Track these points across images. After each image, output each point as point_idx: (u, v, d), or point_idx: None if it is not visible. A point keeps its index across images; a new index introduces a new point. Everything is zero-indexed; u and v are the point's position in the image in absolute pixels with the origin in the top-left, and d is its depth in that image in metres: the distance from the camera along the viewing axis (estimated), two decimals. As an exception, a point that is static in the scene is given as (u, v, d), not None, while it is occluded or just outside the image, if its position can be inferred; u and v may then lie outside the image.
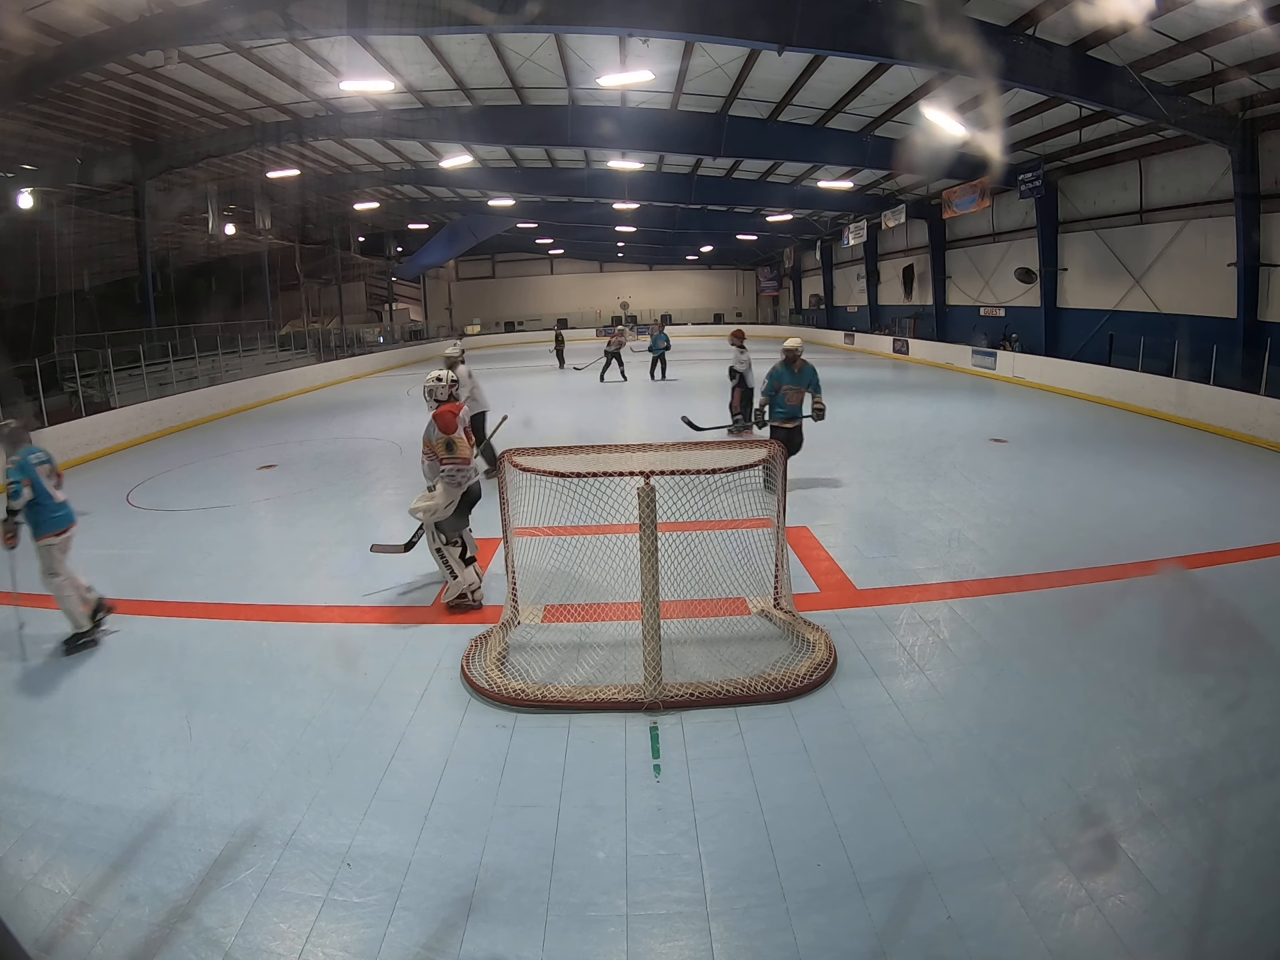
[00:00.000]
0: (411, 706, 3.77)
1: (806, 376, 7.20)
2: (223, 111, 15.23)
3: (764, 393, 7.27)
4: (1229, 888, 2.54)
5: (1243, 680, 3.88)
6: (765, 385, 7.27)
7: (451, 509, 4.84)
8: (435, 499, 4.84)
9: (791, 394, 7.19)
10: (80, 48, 10.48)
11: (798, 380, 7.18)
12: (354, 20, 9.39)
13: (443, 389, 5.07)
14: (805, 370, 7.19)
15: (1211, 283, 12.91)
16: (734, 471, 3.90)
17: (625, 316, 41.10)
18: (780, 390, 7.17)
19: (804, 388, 7.22)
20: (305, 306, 28.55)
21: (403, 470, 9.44)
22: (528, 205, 27.08)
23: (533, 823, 2.91)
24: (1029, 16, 9.79)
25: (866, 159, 16.81)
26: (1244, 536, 5.89)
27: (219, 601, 5.27)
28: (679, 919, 2.46)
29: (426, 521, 4.88)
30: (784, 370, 7.17)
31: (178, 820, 2.97)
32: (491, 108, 15.52)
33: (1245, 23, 8.78)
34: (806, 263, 35.65)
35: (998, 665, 4.07)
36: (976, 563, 5.56)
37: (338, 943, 2.40)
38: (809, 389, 7.24)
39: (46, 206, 15.15)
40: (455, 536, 4.96)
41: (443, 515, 4.84)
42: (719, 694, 3.70)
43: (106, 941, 2.40)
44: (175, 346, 16.10)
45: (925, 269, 23.69)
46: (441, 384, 5.07)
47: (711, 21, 9.45)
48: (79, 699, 3.97)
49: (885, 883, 2.56)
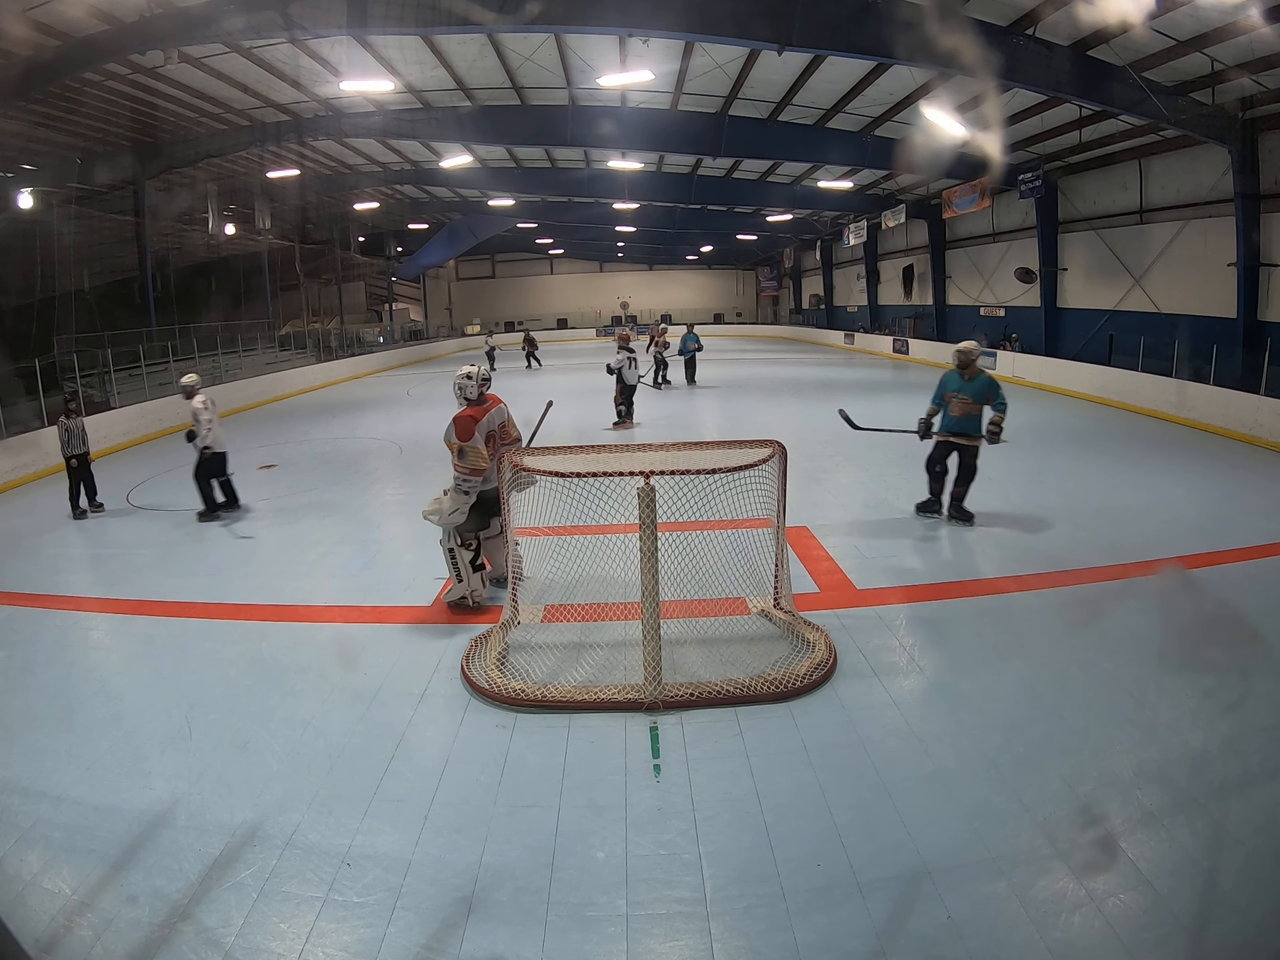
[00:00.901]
0: (411, 706, 3.77)
1: (980, 387, 6.10)
2: (223, 111, 15.24)
3: (932, 401, 6.32)
4: (1229, 888, 2.53)
5: (1243, 680, 3.88)
6: (935, 392, 6.33)
7: (460, 516, 4.71)
8: (443, 504, 4.72)
9: (957, 404, 6.15)
10: (80, 48, 10.49)
11: (967, 390, 6.13)
12: (354, 20, 9.39)
13: (472, 387, 4.87)
14: (979, 380, 6.12)
15: (1211, 283, 12.91)
16: (734, 471, 3.90)
17: (625, 316, 41.10)
18: (947, 400, 6.20)
19: (974, 400, 6.09)
20: (305, 306, 28.55)
21: (403, 470, 9.45)
22: (528, 205, 27.09)
23: (533, 823, 2.91)
24: (1029, 16, 9.79)
25: (866, 159, 16.82)
26: (1244, 536, 5.89)
27: (219, 601, 5.27)
28: (679, 919, 2.46)
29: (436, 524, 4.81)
30: (952, 376, 6.22)
31: (178, 820, 2.97)
32: (491, 108, 15.53)
33: (1245, 23, 8.78)
34: (806, 263, 35.65)
35: (998, 665, 4.06)
36: (977, 563, 5.56)
37: (338, 943, 2.40)
38: (986, 404, 6.10)
39: (46, 206, 15.15)
40: (470, 538, 4.83)
41: (451, 522, 4.73)
42: (719, 694, 3.70)
43: (106, 941, 2.40)
44: (175, 346, 16.11)
45: (925, 269, 23.69)
46: (471, 382, 4.87)
47: (711, 21, 9.46)
48: (79, 699, 3.96)
49: (885, 883, 2.56)
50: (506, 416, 5.06)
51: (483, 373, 4.94)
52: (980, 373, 6.17)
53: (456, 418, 4.77)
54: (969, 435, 6.11)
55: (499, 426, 4.94)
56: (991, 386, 6.10)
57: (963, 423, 6.14)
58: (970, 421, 6.14)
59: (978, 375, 6.16)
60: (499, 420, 4.95)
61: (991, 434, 6.05)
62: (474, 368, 4.96)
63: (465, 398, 4.90)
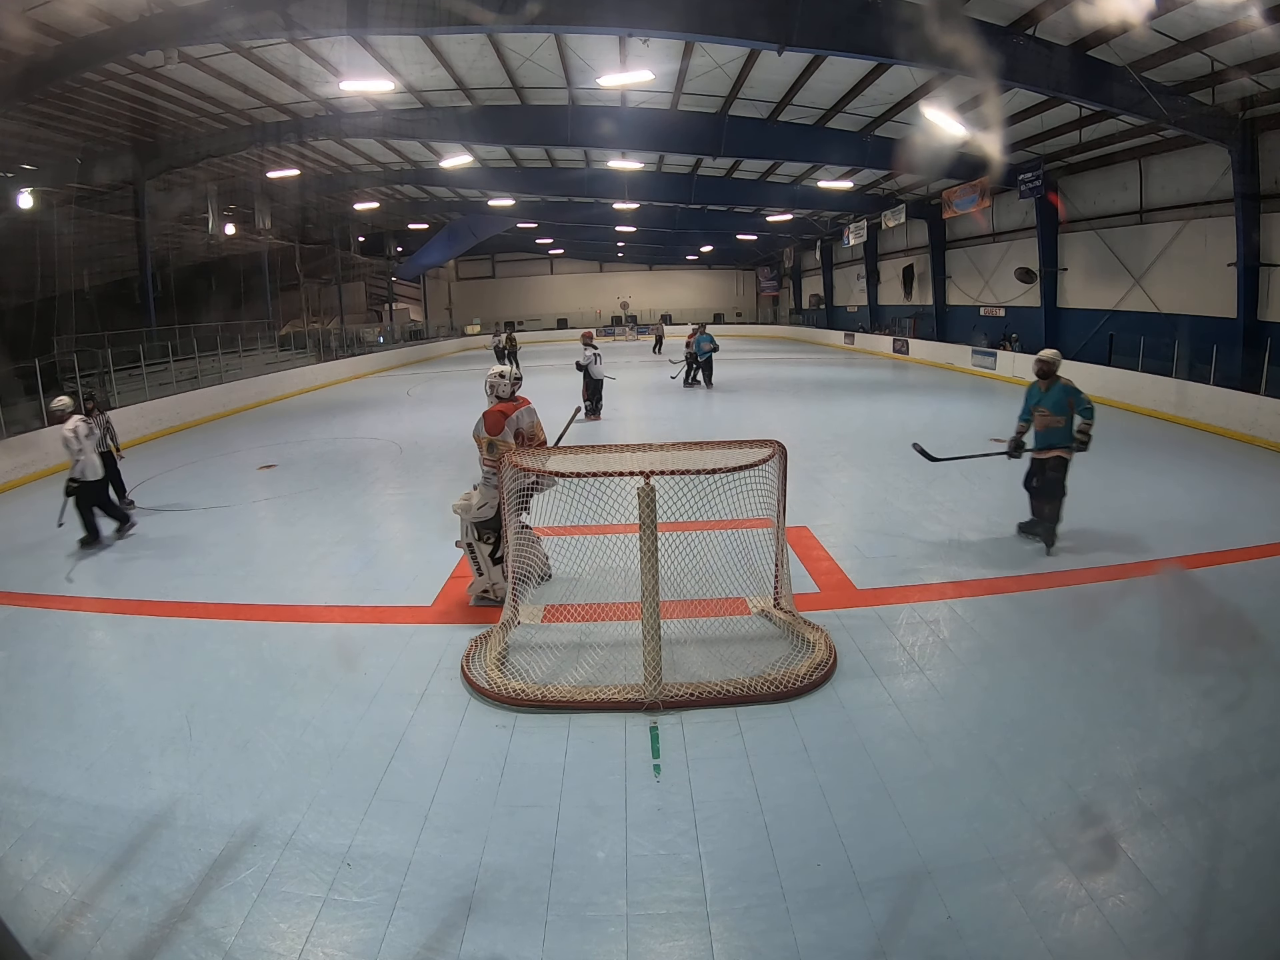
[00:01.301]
0: (411, 706, 3.77)
1: (1057, 397, 5.72)
2: (223, 111, 15.24)
3: (1020, 417, 5.99)
4: (1229, 888, 2.53)
5: (1243, 680, 3.88)
6: (1022, 407, 5.99)
7: (489, 510, 4.73)
8: (472, 499, 4.76)
9: (1038, 417, 5.80)
10: (80, 48, 10.49)
11: (1046, 401, 5.77)
12: (354, 20, 9.39)
13: (505, 385, 4.97)
14: (1056, 389, 5.74)
15: (1211, 283, 12.92)
16: (734, 471, 3.90)
17: (625, 316, 41.12)
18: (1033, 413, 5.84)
19: (1052, 411, 5.71)
20: (305, 306, 28.56)
21: (403, 470, 9.44)
22: (528, 205, 27.09)
23: (533, 823, 2.91)
24: (1029, 16, 9.79)
25: (866, 159, 16.82)
26: (1244, 536, 5.89)
27: (219, 601, 5.27)
28: (679, 919, 2.46)
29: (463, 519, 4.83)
30: (1034, 387, 5.90)
31: (178, 820, 2.97)
32: (491, 108, 15.53)
33: (1245, 23, 8.79)
34: (806, 263, 35.66)
35: (998, 665, 4.06)
36: (976, 563, 5.56)
37: (338, 943, 2.40)
38: (1069, 413, 5.67)
39: (46, 206, 15.15)
40: (489, 533, 4.82)
41: (480, 516, 4.76)
42: (719, 694, 3.70)
43: (106, 941, 2.40)
44: (175, 346, 16.10)
45: (925, 269, 23.70)
46: (504, 380, 4.97)
47: (711, 21, 9.46)
48: (79, 699, 3.96)
49: (885, 883, 2.56)
50: (536, 419, 5.10)
51: (515, 372, 5.04)
52: (1057, 380, 5.78)
53: (486, 413, 4.84)
54: (1051, 448, 5.73)
55: (528, 426, 4.99)
56: (1070, 393, 5.69)
57: (1043, 436, 5.80)
58: (1052, 434, 5.74)
59: (1055, 384, 5.78)
60: (528, 420, 5.01)
61: (1079, 443, 5.61)
62: (507, 366, 5.07)
63: (497, 395, 4.98)
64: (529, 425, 5.01)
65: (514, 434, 4.88)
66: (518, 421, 4.91)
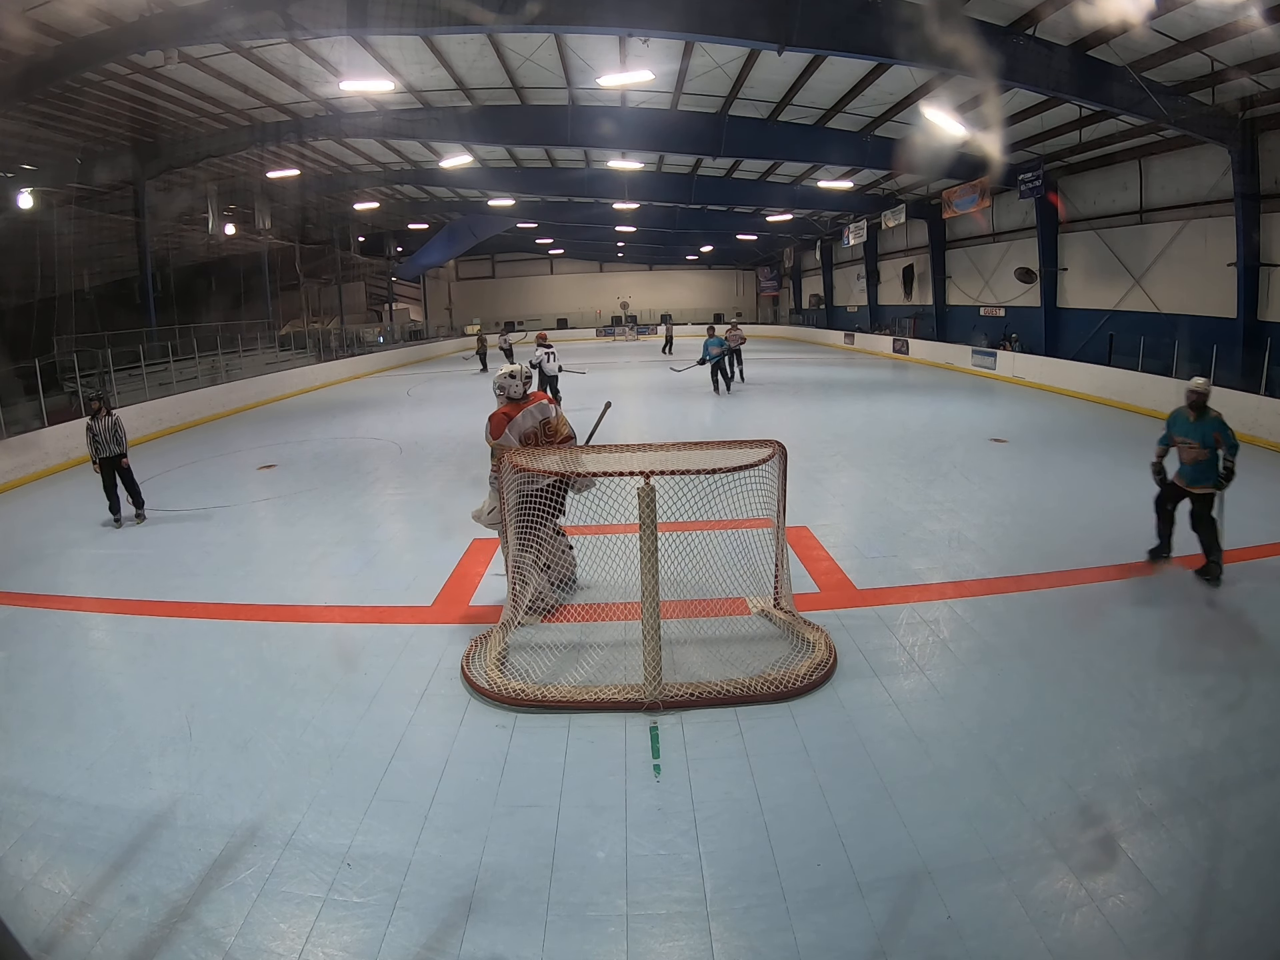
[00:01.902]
0: (411, 706, 3.77)
1: (1206, 430, 5.22)
2: (223, 111, 15.23)
3: (1159, 442, 5.51)
4: (1229, 888, 2.53)
5: (1243, 680, 3.88)
6: (1162, 434, 5.54)
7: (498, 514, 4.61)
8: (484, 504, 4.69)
9: (1184, 449, 5.31)
10: (80, 48, 10.48)
11: (1194, 433, 5.26)
12: (354, 20, 9.39)
13: (515, 386, 4.77)
14: (1206, 422, 5.25)
15: (1211, 283, 12.91)
16: (734, 471, 3.90)
17: (625, 317, 41.11)
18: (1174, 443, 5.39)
19: (1201, 444, 5.22)
20: (305, 306, 28.56)
21: (403, 470, 9.44)
22: (528, 205, 27.07)
23: (533, 823, 2.91)
24: (1029, 16, 9.78)
25: (866, 159, 16.82)
26: (1244, 536, 5.88)
27: (219, 601, 5.27)
28: (679, 919, 2.46)
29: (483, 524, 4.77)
30: (1179, 417, 5.41)
31: (178, 820, 2.97)
32: (491, 108, 15.52)
33: (1245, 23, 8.78)
34: (806, 263, 35.65)
35: (998, 665, 4.06)
36: (976, 563, 5.56)
37: (338, 943, 2.40)
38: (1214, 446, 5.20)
39: (46, 206, 15.15)
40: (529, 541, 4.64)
41: (491, 521, 4.71)
42: (719, 694, 3.70)
43: (106, 941, 2.40)
44: (175, 346, 16.10)
45: (925, 269, 23.69)
46: (514, 380, 4.77)
47: (711, 21, 9.45)
48: (79, 699, 3.96)
49: (885, 883, 2.56)
50: (552, 414, 4.89)
51: (525, 370, 4.86)
52: (1206, 412, 5.32)
53: (491, 416, 4.71)
54: (1201, 484, 5.31)
55: (540, 424, 4.80)
56: (1219, 428, 5.24)
57: (1192, 470, 5.32)
58: (1201, 469, 5.30)
59: (1204, 415, 5.32)
60: (539, 417, 4.81)
61: (1224, 479, 5.23)
62: (517, 366, 4.88)
63: (508, 396, 4.79)
64: (536, 424, 4.81)
65: (523, 435, 4.70)
66: (524, 422, 4.74)
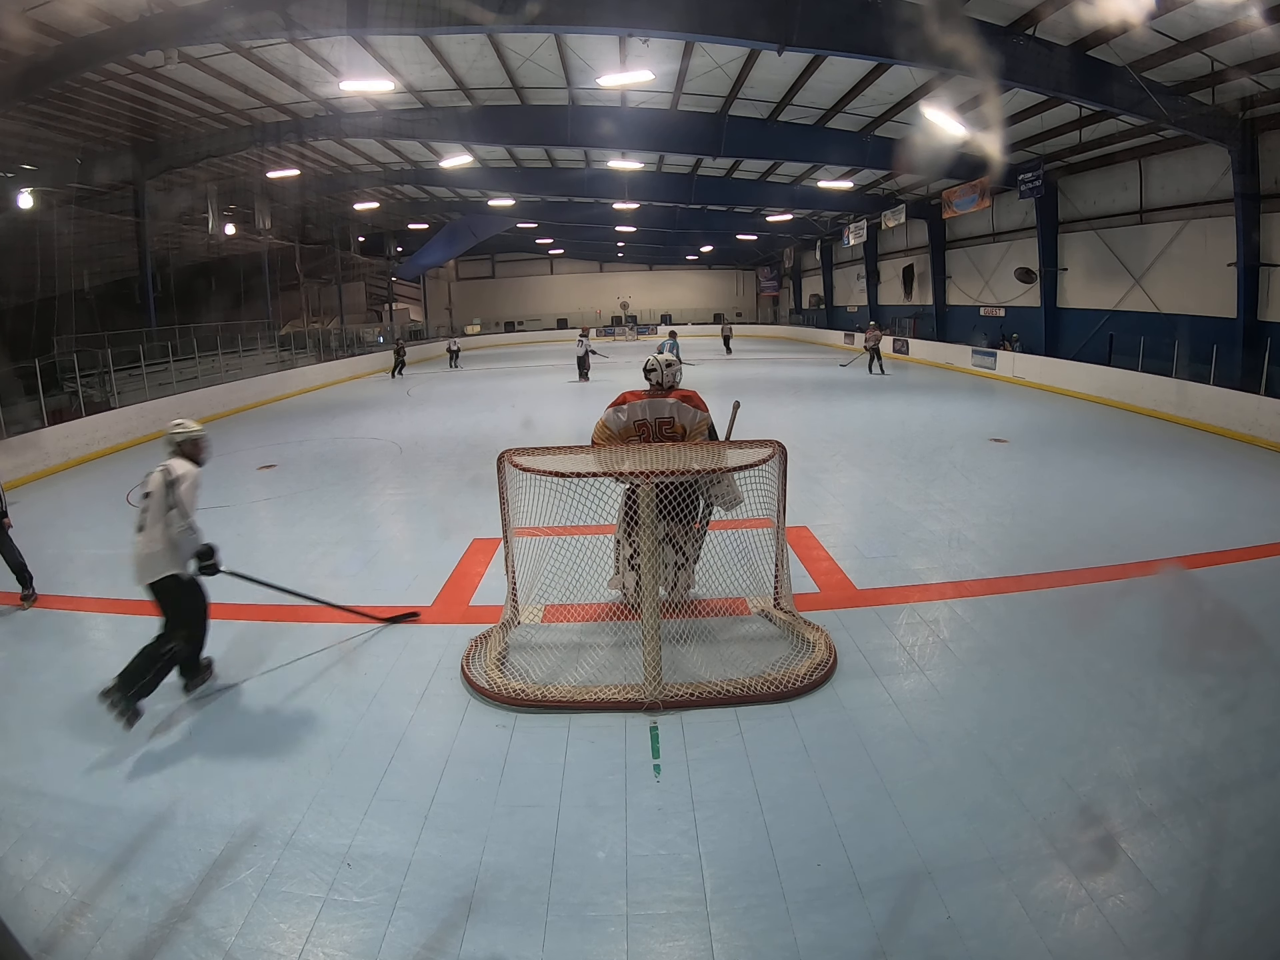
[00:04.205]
0: (411, 706, 3.77)
1: None
2: (223, 111, 15.23)
3: None
4: (1229, 888, 2.53)
5: (1243, 680, 3.88)
6: None
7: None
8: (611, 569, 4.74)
9: None
10: (80, 48, 10.47)
11: None
12: (354, 20, 9.39)
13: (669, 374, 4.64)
14: None
15: (1211, 283, 12.91)
16: (734, 471, 3.90)
17: (625, 317, 41.11)
18: None
19: None
20: (305, 306, 28.53)
21: (403, 470, 9.44)
22: (528, 205, 27.08)
23: (533, 823, 2.91)
24: (1029, 16, 9.79)
25: (866, 159, 16.83)
26: (1244, 536, 5.89)
27: (219, 601, 5.24)
28: (679, 919, 2.46)
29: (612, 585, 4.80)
30: None
31: (178, 820, 2.97)
32: (491, 108, 15.53)
33: (1245, 23, 8.78)
34: (806, 263, 35.64)
35: (998, 665, 4.06)
36: (976, 563, 5.56)
37: (338, 943, 2.40)
38: None
39: (46, 206, 15.14)
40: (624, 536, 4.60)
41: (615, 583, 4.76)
42: (719, 694, 3.70)
43: (106, 941, 2.40)
44: (175, 346, 16.08)
45: (925, 269, 23.69)
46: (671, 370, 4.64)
47: (711, 21, 9.46)
48: (79, 699, 3.96)
49: (885, 883, 2.56)
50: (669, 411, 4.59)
51: (666, 358, 4.73)
52: None
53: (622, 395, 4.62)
54: None
55: (654, 421, 4.59)
56: None
57: None
58: None
59: None
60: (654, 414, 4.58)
61: None
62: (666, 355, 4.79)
63: (656, 382, 4.64)
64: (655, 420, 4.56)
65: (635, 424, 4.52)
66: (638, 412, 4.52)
